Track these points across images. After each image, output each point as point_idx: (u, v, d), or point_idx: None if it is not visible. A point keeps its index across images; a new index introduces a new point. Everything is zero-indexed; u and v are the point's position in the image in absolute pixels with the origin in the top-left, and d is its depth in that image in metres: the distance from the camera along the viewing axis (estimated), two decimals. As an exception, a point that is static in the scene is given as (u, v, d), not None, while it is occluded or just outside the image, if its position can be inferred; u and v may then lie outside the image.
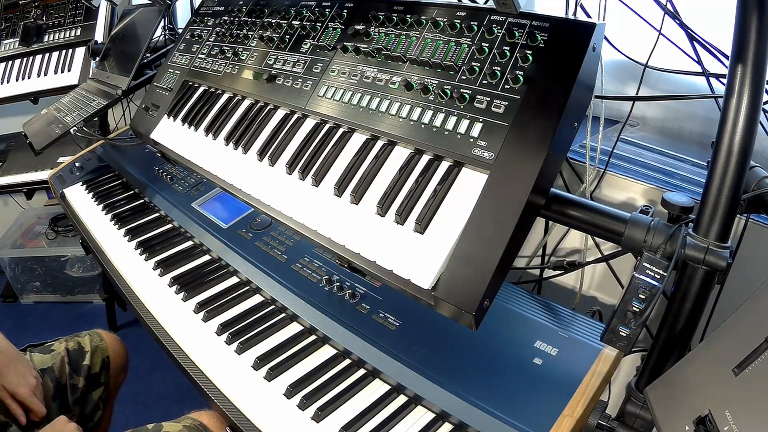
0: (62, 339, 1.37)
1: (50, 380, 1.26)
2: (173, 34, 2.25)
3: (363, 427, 0.87)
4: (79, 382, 1.31)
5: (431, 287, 0.75)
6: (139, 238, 1.40)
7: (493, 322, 0.91)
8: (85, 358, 1.34)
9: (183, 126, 1.31)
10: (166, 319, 1.13)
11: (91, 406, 1.33)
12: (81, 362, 1.33)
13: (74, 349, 1.34)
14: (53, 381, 1.27)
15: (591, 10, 1.24)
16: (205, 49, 1.39)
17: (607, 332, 0.75)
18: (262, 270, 1.17)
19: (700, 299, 0.74)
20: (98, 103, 1.92)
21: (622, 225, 0.78)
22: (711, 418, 0.60)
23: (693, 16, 1.16)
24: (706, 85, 1.21)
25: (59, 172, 1.79)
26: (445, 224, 0.78)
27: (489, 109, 0.80)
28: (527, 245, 1.43)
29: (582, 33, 0.75)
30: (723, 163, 0.69)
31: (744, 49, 0.66)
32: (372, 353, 0.95)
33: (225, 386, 0.96)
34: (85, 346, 1.36)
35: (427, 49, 0.92)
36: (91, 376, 1.33)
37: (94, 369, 1.34)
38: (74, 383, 1.30)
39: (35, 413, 1.17)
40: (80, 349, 1.35)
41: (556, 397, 0.82)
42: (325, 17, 1.11)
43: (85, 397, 1.32)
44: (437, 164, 0.84)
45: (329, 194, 0.92)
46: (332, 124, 1.01)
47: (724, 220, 0.70)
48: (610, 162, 1.27)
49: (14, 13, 2.61)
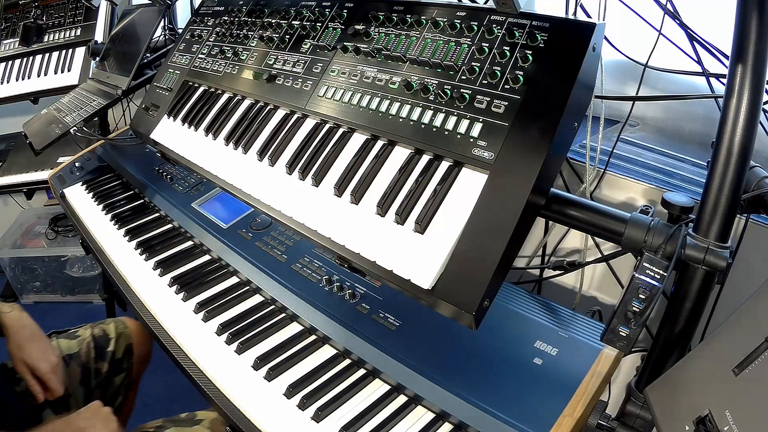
0: (87, 326, 1.42)
1: (77, 365, 1.32)
2: (173, 34, 2.25)
3: (363, 427, 0.87)
4: (102, 368, 1.36)
5: (431, 287, 0.75)
6: (139, 238, 1.40)
7: (493, 322, 0.91)
8: (110, 345, 1.39)
9: (183, 126, 1.31)
10: (166, 319, 1.13)
11: (113, 391, 1.38)
12: (106, 348, 1.38)
13: (100, 336, 1.39)
14: (80, 366, 1.32)
15: (591, 10, 1.24)
16: (205, 49, 1.39)
17: (607, 332, 0.75)
18: (262, 270, 1.17)
19: (700, 299, 0.74)
20: (98, 103, 1.92)
21: (622, 225, 0.78)
22: (711, 418, 0.60)
23: (693, 16, 1.16)
24: (706, 85, 1.21)
25: (59, 172, 1.78)
26: (445, 224, 0.78)
27: (489, 109, 0.80)
28: (527, 245, 1.43)
29: (582, 33, 0.75)
30: (723, 163, 0.69)
31: (744, 49, 0.66)
32: (372, 353, 0.95)
33: (225, 386, 0.96)
34: (110, 332, 1.41)
35: (427, 49, 0.92)
36: (115, 361, 1.38)
37: (117, 355, 1.39)
38: (98, 368, 1.35)
39: (52, 392, 1.20)
40: (105, 336, 1.40)
41: (556, 397, 0.82)
42: (325, 17, 1.11)
43: (107, 382, 1.37)
44: (437, 164, 0.84)
45: (329, 194, 0.92)
46: (332, 124, 1.01)
47: (724, 220, 0.70)
48: (610, 162, 1.27)
49: (14, 13, 2.61)
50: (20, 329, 1.21)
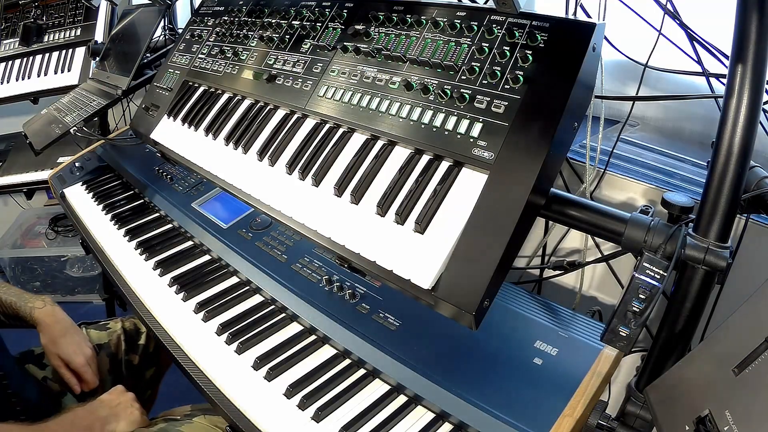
0: (118, 319, 1.44)
1: (105, 355, 1.33)
2: (173, 34, 2.25)
3: (363, 427, 0.87)
4: (134, 360, 1.38)
5: (431, 287, 0.75)
6: (139, 238, 1.40)
7: (493, 322, 0.91)
8: (141, 338, 1.41)
9: (183, 126, 1.31)
10: (166, 319, 1.13)
11: (143, 384, 1.40)
12: (137, 341, 1.39)
13: (131, 329, 1.41)
14: (109, 356, 1.34)
15: (591, 10, 1.24)
16: (205, 49, 1.39)
17: (607, 332, 0.75)
18: (262, 270, 1.17)
19: (700, 299, 0.74)
20: (98, 103, 1.92)
21: (622, 225, 0.78)
22: (711, 418, 0.60)
23: (693, 16, 1.16)
24: (706, 85, 1.21)
25: (59, 172, 1.78)
26: (445, 224, 0.78)
27: (489, 109, 0.80)
28: (527, 245, 1.43)
29: (582, 33, 0.75)
30: (723, 163, 0.69)
31: (744, 49, 0.66)
32: (372, 353, 0.95)
33: (225, 386, 0.96)
34: (141, 328, 1.42)
35: (427, 49, 0.92)
36: (147, 354, 1.40)
37: (149, 349, 1.41)
38: (129, 360, 1.37)
39: (88, 383, 1.22)
40: (136, 330, 1.42)
41: (556, 397, 0.82)
42: (325, 17, 1.11)
43: (138, 374, 1.38)
44: (437, 164, 0.84)
45: (329, 194, 0.92)
46: (332, 124, 1.01)
47: (724, 220, 0.70)
48: (610, 162, 1.27)
49: (14, 13, 2.61)
50: (54, 324, 1.23)
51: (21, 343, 1.30)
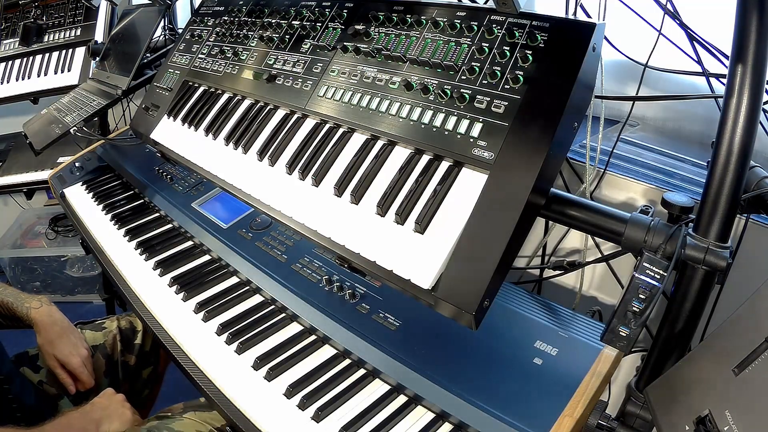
0: (114, 318, 1.43)
1: (101, 356, 1.33)
2: (173, 34, 2.25)
3: (363, 427, 0.87)
4: (130, 360, 1.37)
5: (431, 287, 0.75)
6: (139, 238, 1.40)
7: (493, 322, 0.91)
8: (137, 337, 1.40)
9: (183, 126, 1.31)
10: (166, 319, 1.13)
11: (140, 384, 1.39)
12: (133, 341, 1.39)
13: (126, 328, 1.40)
14: (104, 357, 1.33)
15: (591, 10, 1.24)
16: (205, 49, 1.39)
17: (607, 332, 0.75)
18: (262, 270, 1.17)
19: (700, 299, 0.74)
20: (98, 103, 1.92)
21: (622, 225, 0.78)
22: (711, 418, 0.60)
23: (693, 16, 1.16)
24: (706, 85, 1.21)
25: (59, 172, 1.78)
26: (445, 224, 0.78)
27: (489, 109, 0.80)
28: (527, 245, 1.43)
29: (582, 33, 0.75)
30: (723, 163, 0.69)
31: (744, 49, 0.66)
32: (372, 353, 0.95)
33: (225, 386, 0.96)
34: (137, 325, 1.41)
35: (427, 49, 0.92)
36: (143, 354, 1.39)
37: (145, 348, 1.40)
38: (125, 360, 1.36)
39: (84, 384, 1.23)
40: (132, 328, 1.40)
41: (556, 397, 0.82)
42: (325, 17, 1.11)
43: (135, 375, 1.38)
44: (437, 164, 0.84)
45: (329, 194, 0.92)
46: (332, 124, 1.01)
47: (724, 220, 0.70)
48: (610, 162, 1.27)
49: (14, 13, 2.61)
50: (51, 325, 1.23)
51: (16, 344, 1.30)
